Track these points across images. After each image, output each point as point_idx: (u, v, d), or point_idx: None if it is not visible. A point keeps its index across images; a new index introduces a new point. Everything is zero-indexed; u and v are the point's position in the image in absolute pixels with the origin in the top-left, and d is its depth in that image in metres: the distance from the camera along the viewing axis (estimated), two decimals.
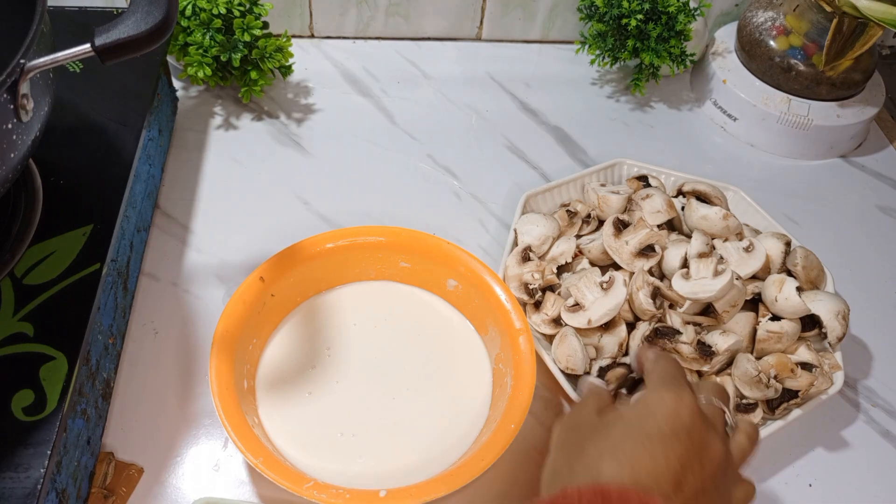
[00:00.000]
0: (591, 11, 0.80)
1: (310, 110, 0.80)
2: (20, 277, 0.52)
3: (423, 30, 0.88)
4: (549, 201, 0.69)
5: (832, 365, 0.58)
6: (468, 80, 0.85)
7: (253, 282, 0.56)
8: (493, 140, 0.79)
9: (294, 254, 0.59)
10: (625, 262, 0.62)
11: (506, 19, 0.88)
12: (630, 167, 0.72)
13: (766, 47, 0.79)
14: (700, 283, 0.58)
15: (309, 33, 0.87)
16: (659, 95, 0.86)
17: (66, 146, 0.60)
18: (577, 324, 0.58)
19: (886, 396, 0.62)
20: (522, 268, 0.61)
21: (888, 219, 0.76)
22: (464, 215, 0.71)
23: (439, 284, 0.61)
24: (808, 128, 0.78)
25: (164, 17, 0.44)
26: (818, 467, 0.58)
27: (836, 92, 0.78)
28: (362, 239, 0.61)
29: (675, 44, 0.78)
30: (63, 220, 0.55)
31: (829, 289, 0.63)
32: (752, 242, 0.61)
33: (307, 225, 0.69)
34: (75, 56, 0.45)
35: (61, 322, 0.50)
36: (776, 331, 0.58)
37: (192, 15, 0.71)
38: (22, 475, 0.44)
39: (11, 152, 0.46)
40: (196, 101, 0.79)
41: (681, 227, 0.67)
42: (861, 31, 0.72)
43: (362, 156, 0.76)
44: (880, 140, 0.84)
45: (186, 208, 0.69)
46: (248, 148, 0.75)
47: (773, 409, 0.56)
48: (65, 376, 0.47)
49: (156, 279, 0.64)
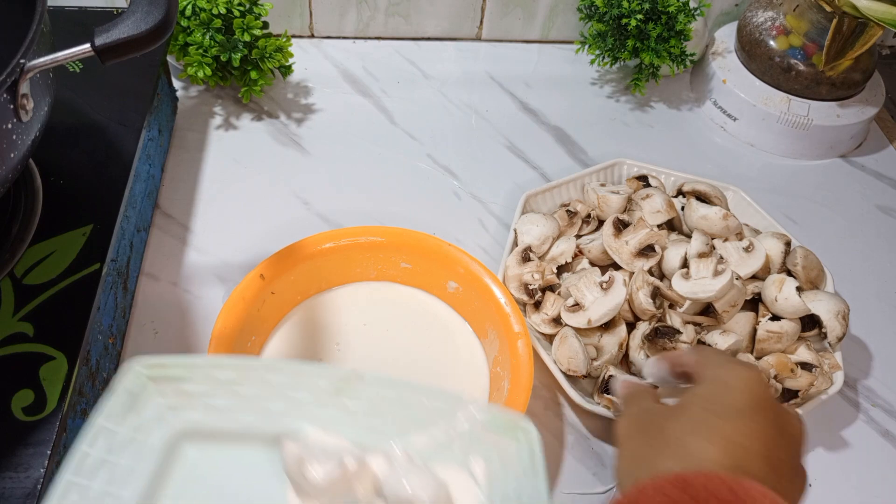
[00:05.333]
0: (591, 11, 0.80)
1: (310, 110, 0.80)
2: (20, 277, 0.52)
3: (423, 30, 0.88)
4: (549, 201, 0.69)
5: (832, 365, 0.58)
6: (468, 80, 0.85)
7: (253, 279, 0.56)
8: (493, 140, 0.79)
9: (295, 252, 0.59)
10: (625, 262, 0.62)
11: (506, 19, 0.88)
12: (630, 167, 0.72)
13: (766, 47, 0.79)
14: (700, 283, 0.58)
15: (309, 33, 0.87)
16: (659, 95, 0.86)
17: (66, 146, 0.60)
18: (576, 324, 0.58)
19: (886, 396, 0.62)
20: (522, 268, 0.61)
21: (888, 219, 0.76)
22: (464, 215, 0.71)
23: (440, 286, 0.61)
24: (808, 128, 0.78)
25: (164, 17, 0.44)
26: (818, 467, 0.58)
27: (836, 92, 0.78)
28: (363, 239, 0.61)
29: (675, 44, 0.78)
30: (63, 220, 0.55)
31: (829, 289, 0.63)
32: (752, 242, 0.61)
33: (307, 225, 0.69)
34: (75, 56, 0.45)
35: (61, 322, 0.50)
36: (776, 331, 0.58)
37: (192, 15, 0.71)
38: (22, 475, 0.44)
39: (11, 152, 0.46)
40: (196, 101, 0.79)
41: (681, 227, 0.67)
42: (861, 31, 0.72)
43: (362, 156, 0.76)
44: (880, 140, 0.84)
45: (186, 208, 0.69)
46: (248, 148, 0.75)
47: None
48: (65, 376, 0.47)
49: (156, 279, 0.64)
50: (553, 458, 0.56)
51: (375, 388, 0.44)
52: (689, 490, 0.33)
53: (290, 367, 0.46)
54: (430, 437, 0.45)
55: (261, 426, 0.44)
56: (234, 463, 0.44)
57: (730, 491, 0.33)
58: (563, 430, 0.58)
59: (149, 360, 0.42)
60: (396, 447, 0.45)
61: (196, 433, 0.44)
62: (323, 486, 0.41)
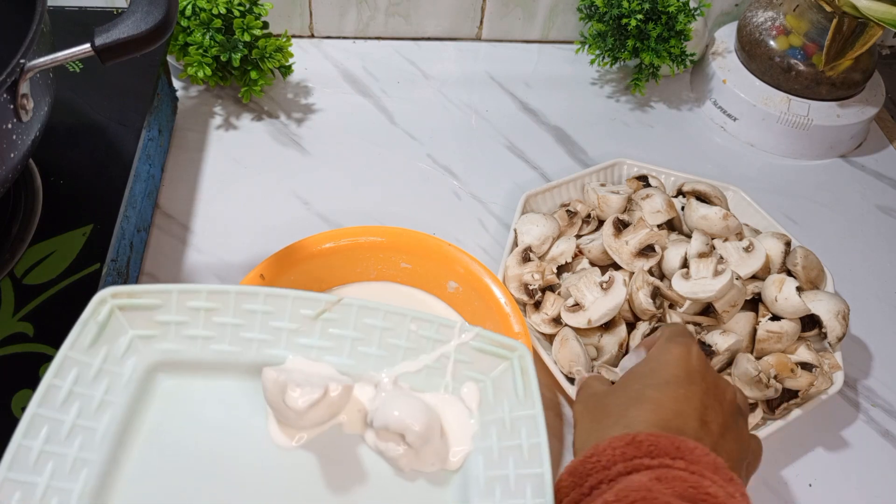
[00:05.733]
0: (591, 11, 0.80)
1: (310, 110, 0.80)
2: (20, 277, 0.52)
3: (423, 30, 0.88)
4: (549, 201, 0.69)
5: (832, 365, 0.58)
6: (468, 79, 0.85)
7: (253, 279, 0.56)
8: (493, 140, 0.79)
9: (295, 252, 0.59)
10: (625, 262, 0.62)
11: (506, 19, 0.88)
12: (630, 167, 0.72)
13: (766, 47, 0.79)
14: (700, 283, 0.58)
15: (309, 33, 0.87)
16: (659, 95, 0.86)
17: (66, 146, 0.60)
18: (576, 324, 0.58)
19: (886, 396, 0.62)
20: (522, 268, 0.61)
21: (888, 219, 0.76)
22: (464, 215, 0.71)
23: (440, 286, 0.61)
24: (808, 128, 0.78)
25: (164, 17, 0.44)
26: (818, 467, 0.58)
27: (836, 92, 0.78)
28: (364, 239, 0.61)
29: (675, 44, 0.78)
30: (63, 220, 0.56)
31: (829, 289, 0.63)
32: (752, 242, 0.61)
33: (307, 225, 0.69)
34: (75, 56, 0.45)
35: (61, 322, 0.50)
36: (776, 331, 0.58)
37: (192, 15, 0.71)
38: None
39: (11, 152, 0.46)
40: (196, 101, 0.79)
41: (681, 227, 0.67)
42: (861, 31, 0.72)
43: (362, 156, 0.76)
44: (880, 140, 0.84)
45: (186, 208, 0.69)
46: (248, 148, 0.75)
47: (773, 409, 0.56)
48: None
49: (156, 279, 0.64)
50: (553, 458, 0.55)
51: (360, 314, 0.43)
52: (639, 445, 0.38)
53: (265, 291, 0.44)
54: (420, 364, 0.44)
55: (241, 356, 0.43)
56: (213, 394, 0.42)
57: (673, 446, 0.38)
58: (563, 430, 0.58)
59: (118, 289, 0.41)
60: (385, 375, 0.44)
61: (173, 364, 0.42)
62: (304, 410, 0.39)
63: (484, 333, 0.44)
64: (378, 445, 0.42)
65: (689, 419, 0.40)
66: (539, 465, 0.40)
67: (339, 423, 0.42)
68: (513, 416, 0.42)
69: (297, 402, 0.39)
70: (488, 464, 0.41)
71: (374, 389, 0.43)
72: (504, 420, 0.42)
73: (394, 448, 0.41)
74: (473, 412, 0.43)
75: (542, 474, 0.40)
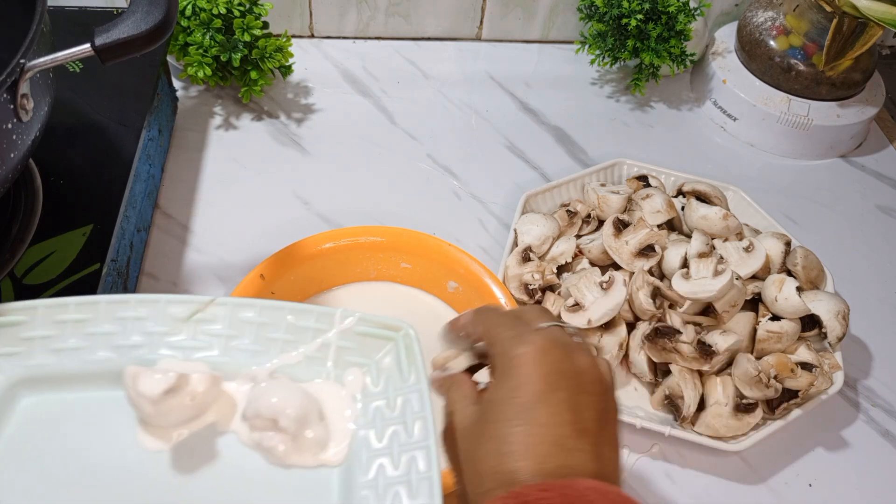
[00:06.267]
0: (591, 11, 0.80)
1: (310, 110, 0.80)
2: (20, 277, 0.52)
3: (423, 30, 0.88)
4: (549, 201, 0.69)
5: (832, 365, 0.58)
6: (468, 79, 0.85)
7: (253, 279, 0.56)
8: (493, 140, 0.79)
9: (295, 252, 0.59)
10: (625, 262, 0.62)
11: (506, 19, 0.88)
12: (630, 167, 0.72)
13: (766, 47, 0.79)
14: (700, 283, 0.58)
15: (309, 33, 0.87)
16: (659, 95, 0.86)
17: (66, 146, 0.60)
18: (577, 324, 0.58)
19: (886, 396, 0.62)
20: (522, 268, 0.61)
21: (888, 219, 0.76)
22: (464, 215, 0.71)
23: (439, 286, 0.61)
24: (808, 128, 0.78)
25: (164, 17, 0.44)
26: (818, 467, 0.58)
27: (836, 92, 0.78)
28: (363, 239, 0.61)
29: (675, 44, 0.78)
30: (63, 220, 0.55)
31: (829, 289, 0.63)
32: (752, 242, 0.61)
33: (307, 225, 0.69)
34: (75, 56, 0.45)
35: None
36: (776, 331, 0.58)
37: (192, 15, 0.71)
38: None
39: (11, 152, 0.46)
40: (196, 101, 0.79)
41: (681, 227, 0.67)
42: (861, 31, 0.73)
43: (362, 156, 0.76)
44: (880, 140, 0.84)
45: (186, 208, 0.69)
46: (248, 148, 0.75)
47: (773, 409, 0.56)
48: None
49: (156, 279, 0.64)
50: None
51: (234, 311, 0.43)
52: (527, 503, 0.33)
53: (136, 298, 0.44)
54: (299, 355, 0.43)
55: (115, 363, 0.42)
56: (81, 406, 0.42)
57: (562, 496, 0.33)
58: None
59: None
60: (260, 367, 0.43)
61: (39, 380, 0.42)
62: (158, 398, 0.38)
63: (366, 317, 0.43)
64: (252, 437, 0.41)
65: (566, 440, 0.36)
66: (425, 439, 0.40)
67: (213, 423, 0.42)
68: (398, 395, 0.42)
69: (149, 388, 0.38)
70: (374, 443, 0.41)
71: (249, 382, 0.43)
72: (389, 400, 0.42)
73: (269, 437, 0.40)
74: (357, 396, 0.43)
75: (429, 447, 0.39)
